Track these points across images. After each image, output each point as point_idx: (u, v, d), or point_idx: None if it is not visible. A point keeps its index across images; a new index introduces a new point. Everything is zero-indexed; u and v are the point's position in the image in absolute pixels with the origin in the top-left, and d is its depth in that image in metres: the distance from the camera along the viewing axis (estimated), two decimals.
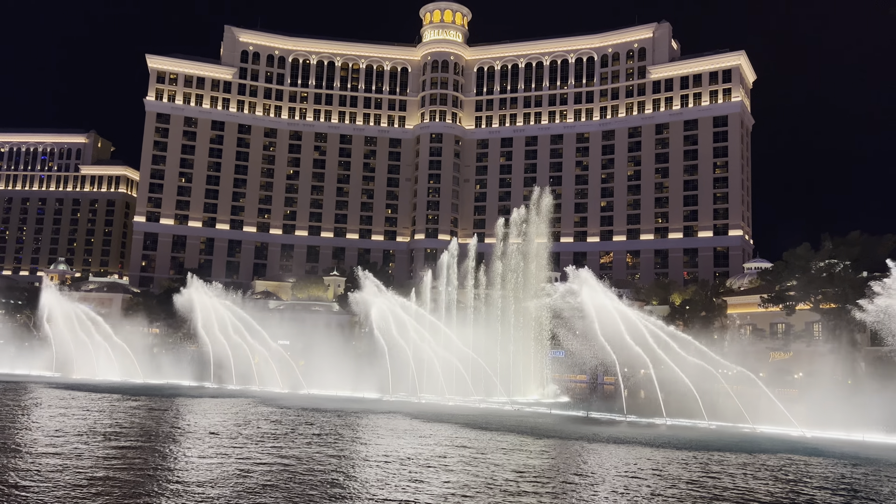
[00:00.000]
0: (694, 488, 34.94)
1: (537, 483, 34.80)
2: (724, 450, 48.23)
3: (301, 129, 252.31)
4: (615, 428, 59.48)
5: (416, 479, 34.68)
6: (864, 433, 55.35)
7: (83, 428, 49.09)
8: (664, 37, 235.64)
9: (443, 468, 37.86)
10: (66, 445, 41.31)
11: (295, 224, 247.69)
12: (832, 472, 40.98)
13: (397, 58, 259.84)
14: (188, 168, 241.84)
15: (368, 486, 32.81)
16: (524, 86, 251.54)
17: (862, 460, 45.70)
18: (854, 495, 34.91)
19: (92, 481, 31.87)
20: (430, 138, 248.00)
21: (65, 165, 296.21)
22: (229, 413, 62.52)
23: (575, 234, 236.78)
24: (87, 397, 73.17)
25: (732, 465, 42.20)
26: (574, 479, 36.10)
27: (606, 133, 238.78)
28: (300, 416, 61.06)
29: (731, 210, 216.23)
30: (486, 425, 57.77)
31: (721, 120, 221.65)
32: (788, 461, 44.72)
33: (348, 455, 41.37)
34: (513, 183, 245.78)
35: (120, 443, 43.19)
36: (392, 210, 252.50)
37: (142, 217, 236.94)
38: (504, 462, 40.51)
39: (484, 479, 35.05)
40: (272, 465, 37.11)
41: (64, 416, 55.48)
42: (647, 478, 37.09)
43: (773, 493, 34.71)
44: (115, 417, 56.58)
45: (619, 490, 33.79)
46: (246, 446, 43.16)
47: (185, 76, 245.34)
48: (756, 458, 45.63)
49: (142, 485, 31.52)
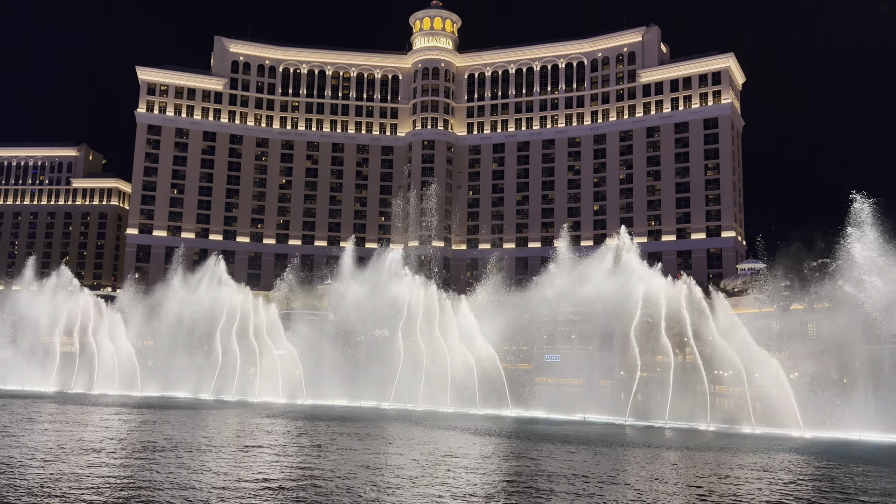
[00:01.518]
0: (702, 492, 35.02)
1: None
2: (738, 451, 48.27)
3: (293, 138, 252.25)
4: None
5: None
6: (860, 432, 55.62)
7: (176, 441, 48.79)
8: (653, 40, 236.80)
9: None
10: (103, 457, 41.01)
11: (288, 233, 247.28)
12: (830, 473, 41.11)
13: (388, 66, 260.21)
14: (180, 179, 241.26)
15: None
16: (515, 91, 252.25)
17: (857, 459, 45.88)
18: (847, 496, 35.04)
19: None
20: (422, 145, 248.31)
21: (56, 179, 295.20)
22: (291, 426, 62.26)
23: (569, 238, 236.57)
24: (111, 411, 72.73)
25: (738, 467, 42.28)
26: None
27: (598, 137, 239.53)
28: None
29: (724, 211, 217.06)
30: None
31: (711, 122, 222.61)
32: (790, 461, 44.86)
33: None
34: (505, 189, 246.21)
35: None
36: (385, 218, 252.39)
37: (134, 229, 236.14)
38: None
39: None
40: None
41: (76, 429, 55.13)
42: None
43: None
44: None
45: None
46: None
47: (175, 87, 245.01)
48: (768, 457, 45.76)
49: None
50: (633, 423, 70.88)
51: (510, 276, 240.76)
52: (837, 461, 46.14)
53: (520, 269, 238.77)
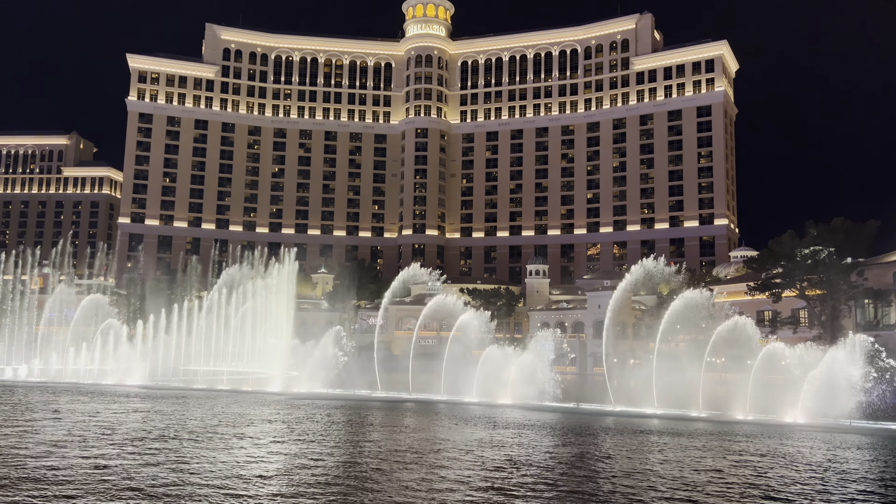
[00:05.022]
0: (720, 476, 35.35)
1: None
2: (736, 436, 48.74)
3: (285, 126, 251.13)
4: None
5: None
6: (850, 419, 56.30)
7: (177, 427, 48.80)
8: (646, 28, 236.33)
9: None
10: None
11: (281, 222, 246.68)
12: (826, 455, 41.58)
13: (381, 53, 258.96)
14: (172, 168, 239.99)
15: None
16: (508, 79, 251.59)
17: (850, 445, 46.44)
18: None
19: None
20: (415, 133, 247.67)
21: (46, 167, 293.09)
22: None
23: (562, 226, 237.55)
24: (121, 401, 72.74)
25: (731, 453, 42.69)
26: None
27: (591, 125, 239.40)
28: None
29: (717, 199, 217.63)
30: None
31: (705, 110, 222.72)
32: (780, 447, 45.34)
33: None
34: (499, 176, 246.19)
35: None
36: (379, 206, 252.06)
37: (126, 218, 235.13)
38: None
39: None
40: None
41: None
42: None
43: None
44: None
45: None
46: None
47: (167, 75, 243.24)
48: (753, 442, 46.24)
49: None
50: (623, 409, 71.40)
51: (503, 264, 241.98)
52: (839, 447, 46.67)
53: (513, 258, 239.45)
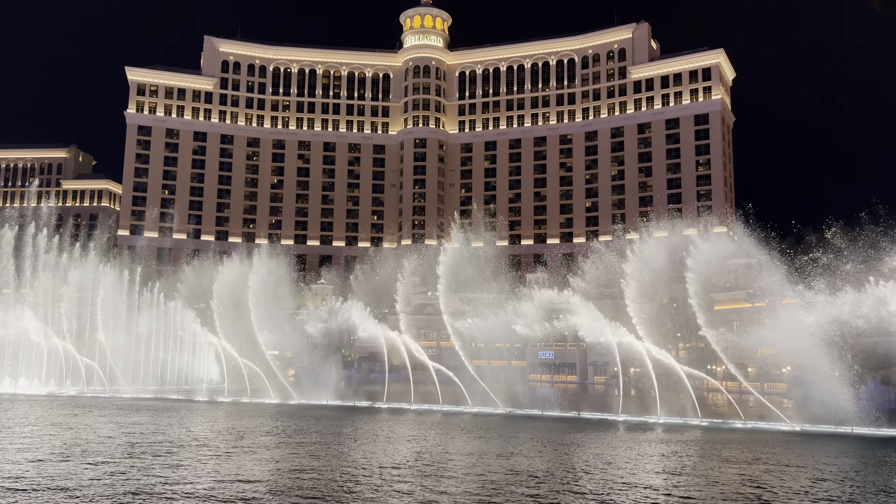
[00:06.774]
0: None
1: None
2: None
3: (284, 137, 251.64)
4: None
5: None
6: (852, 426, 56.14)
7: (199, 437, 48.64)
8: (643, 37, 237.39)
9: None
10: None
11: (280, 233, 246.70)
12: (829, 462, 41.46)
13: (379, 64, 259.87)
14: (171, 180, 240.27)
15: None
16: (506, 89, 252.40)
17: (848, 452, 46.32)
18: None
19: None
20: (413, 143, 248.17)
21: (46, 181, 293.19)
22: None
23: (561, 235, 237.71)
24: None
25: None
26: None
27: (589, 134, 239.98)
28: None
29: (715, 207, 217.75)
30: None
31: (702, 118, 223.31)
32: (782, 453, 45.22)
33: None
34: (498, 186, 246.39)
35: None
36: (378, 216, 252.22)
37: (126, 230, 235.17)
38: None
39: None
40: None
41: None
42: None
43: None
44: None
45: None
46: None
47: (165, 88, 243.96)
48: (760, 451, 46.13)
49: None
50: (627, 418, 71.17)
51: (503, 274, 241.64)
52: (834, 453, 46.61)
53: (512, 267, 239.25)
